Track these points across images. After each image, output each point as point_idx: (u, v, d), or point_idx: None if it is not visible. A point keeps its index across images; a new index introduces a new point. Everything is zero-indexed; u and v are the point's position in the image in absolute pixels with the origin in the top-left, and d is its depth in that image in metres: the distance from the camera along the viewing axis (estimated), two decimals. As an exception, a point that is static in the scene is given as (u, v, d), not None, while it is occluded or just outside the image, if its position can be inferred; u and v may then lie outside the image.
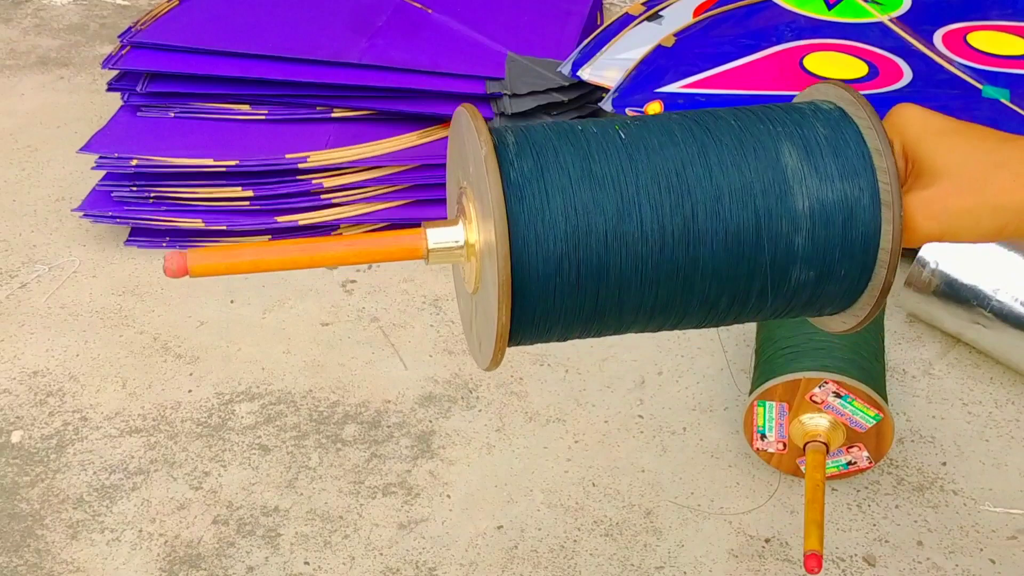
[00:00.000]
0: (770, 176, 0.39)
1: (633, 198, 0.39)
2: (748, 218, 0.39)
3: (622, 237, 0.38)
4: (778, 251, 0.39)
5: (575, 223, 0.38)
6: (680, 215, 0.39)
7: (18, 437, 0.88)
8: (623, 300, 0.39)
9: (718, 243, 0.39)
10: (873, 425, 0.76)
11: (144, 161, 1.07)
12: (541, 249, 0.38)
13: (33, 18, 1.65)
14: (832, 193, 0.39)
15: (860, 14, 1.16)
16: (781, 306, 0.41)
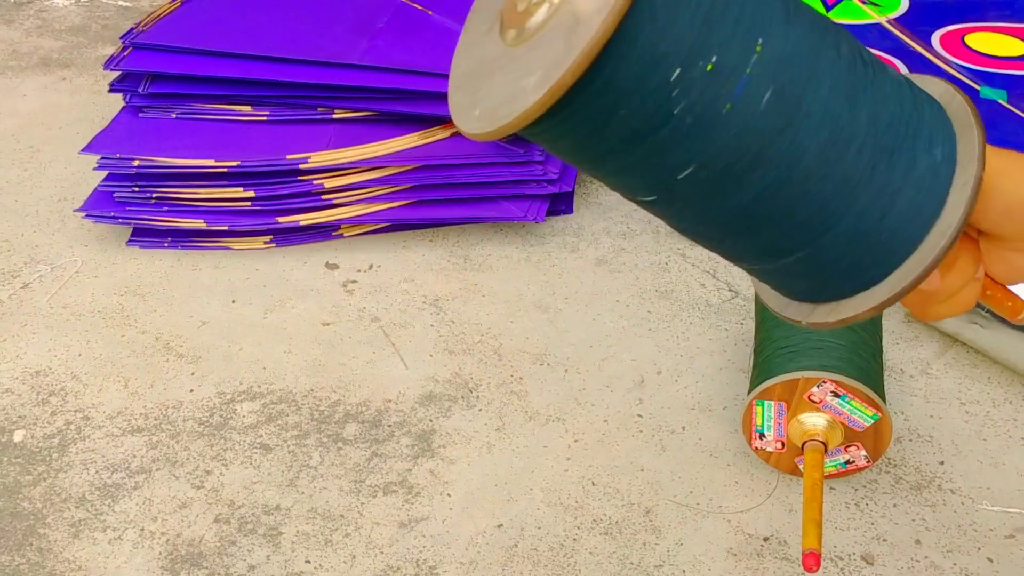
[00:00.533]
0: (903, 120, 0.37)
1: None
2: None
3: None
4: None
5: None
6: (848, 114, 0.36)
7: (20, 436, 0.88)
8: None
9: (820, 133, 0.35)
10: (871, 424, 0.77)
11: (146, 162, 1.07)
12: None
13: (35, 19, 1.66)
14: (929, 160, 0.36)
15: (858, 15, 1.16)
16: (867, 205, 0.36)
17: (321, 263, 1.09)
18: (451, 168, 1.09)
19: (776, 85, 0.35)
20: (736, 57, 0.34)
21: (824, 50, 0.37)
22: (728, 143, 0.35)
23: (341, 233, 1.12)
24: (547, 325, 0.99)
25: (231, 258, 1.10)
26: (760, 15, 0.35)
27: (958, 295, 0.40)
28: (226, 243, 1.11)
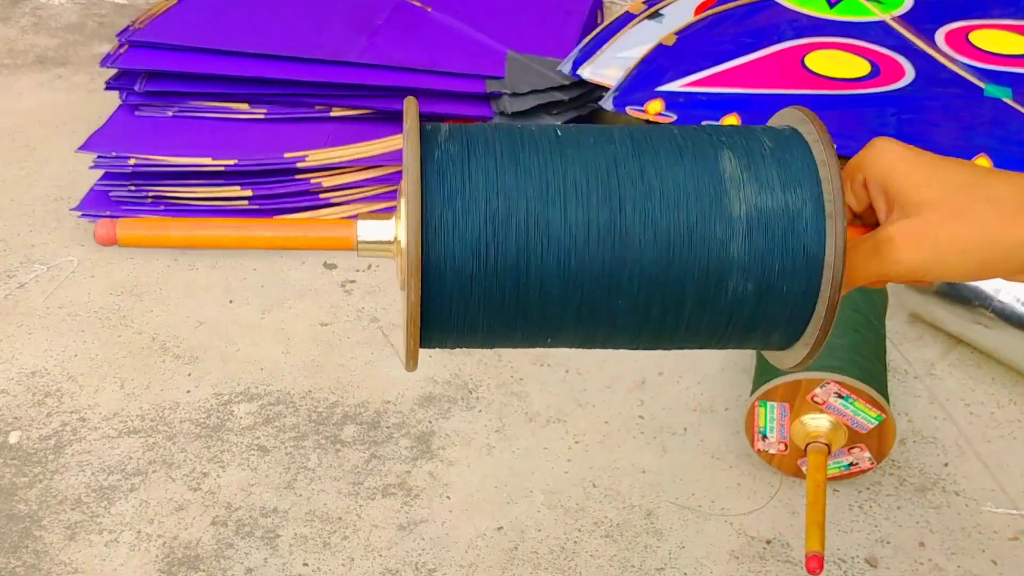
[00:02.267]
0: (705, 179, 0.38)
1: (559, 187, 0.37)
2: (679, 218, 0.37)
3: (545, 226, 0.37)
4: (711, 256, 0.38)
5: (495, 206, 0.37)
6: (607, 209, 0.37)
7: (16, 438, 0.87)
8: (546, 295, 0.38)
9: (647, 242, 0.37)
10: (875, 426, 0.76)
11: (142, 160, 1.07)
12: (458, 230, 0.37)
13: (31, 17, 1.65)
14: (772, 201, 0.38)
15: (862, 12, 1.15)
16: (721, 321, 0.39)
17: (319, 263, 1.08)
18: (450, 167, 1.08)
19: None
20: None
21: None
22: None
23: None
24: (547, 325, 0.98)
25: (228, 258, 1.09)
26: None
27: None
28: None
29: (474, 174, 0.37)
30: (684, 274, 0.38)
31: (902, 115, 0.99)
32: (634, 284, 0.38)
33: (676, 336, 0.40)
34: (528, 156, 0.38)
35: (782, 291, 0.38)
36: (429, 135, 0.39)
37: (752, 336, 0.40)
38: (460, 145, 0.38)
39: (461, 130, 0.39)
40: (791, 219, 0.38)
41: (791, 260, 0.38)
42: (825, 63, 1.07)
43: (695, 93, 1.03)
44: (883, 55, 1.08)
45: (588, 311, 0.39)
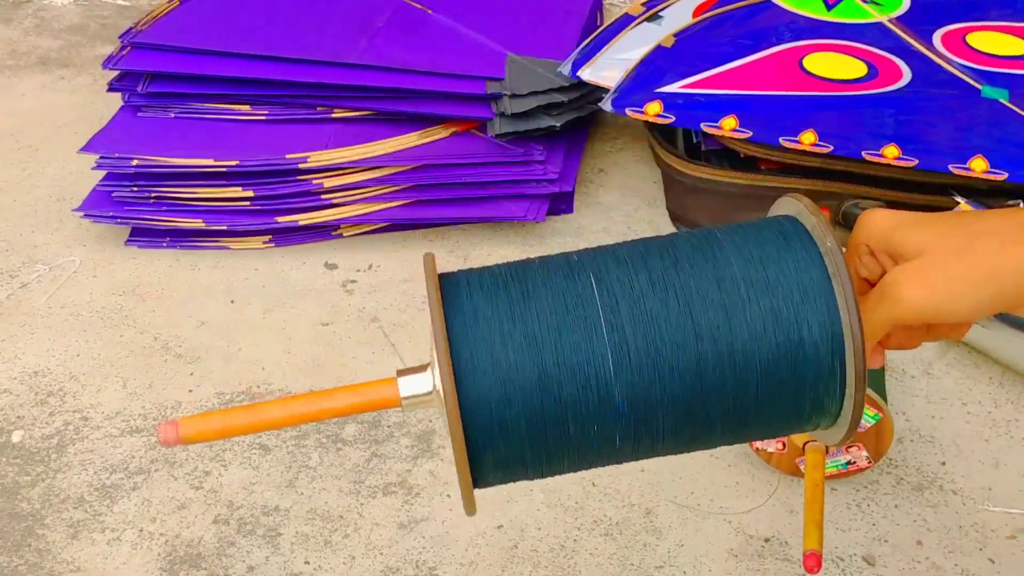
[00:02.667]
0: (716, 289, 0.39)
1: (580, 317, 0.39)
2: (702, 336, 0.39)
3: (572, 360, 0.39)
4: (735, 363, 0.39)
5: (523, 348, 0.39)
6: (638, 334, 0.39)
7: (19, 437, 0.88)
8: (583, 427, 0.39)
9: (677, 363, 0.39)
10: (872, 425, 0.76)
11: (144, 161, 1.07)
12: (496, 389, 0.38)
13: (33, 18, 1.65)
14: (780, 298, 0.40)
15: (859, 14, 1.16)
16: (760, 416, 0.41)
17: (320, 263, 1.09)
18: (451, 168, 1.09)
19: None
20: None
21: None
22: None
23: (340, 233, 1.12)
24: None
25: (230, 258, 1.10)
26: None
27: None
28: (225, 243, 1.11)
29: (498, 318, 0.39)
30: (715, 385, 0.39)
31: (899, 116, 1.00)
32: (666, 402, 0.39)
33: (723, 438, 0.42)
34: (535, 307, 0.40)
35: (808, 385, 0.40)
36: (450, 287, 0.41)
37: (794, 425, 0.42)
38: (484, 300, 0.40)
39: (479, 278, 0.41)
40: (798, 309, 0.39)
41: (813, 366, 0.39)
42: (823, 65, 1.07)
43: (693, 95, 1.04)
44: (880, 57, 1.09)
45: (631, 433, 0.40)
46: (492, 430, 0.39)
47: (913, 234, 0.41)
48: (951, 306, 0.39)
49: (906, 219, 0.42)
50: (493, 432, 0.39)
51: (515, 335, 0.39)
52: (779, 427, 0.42)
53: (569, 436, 0.40)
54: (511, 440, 0.40)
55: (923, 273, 0.40)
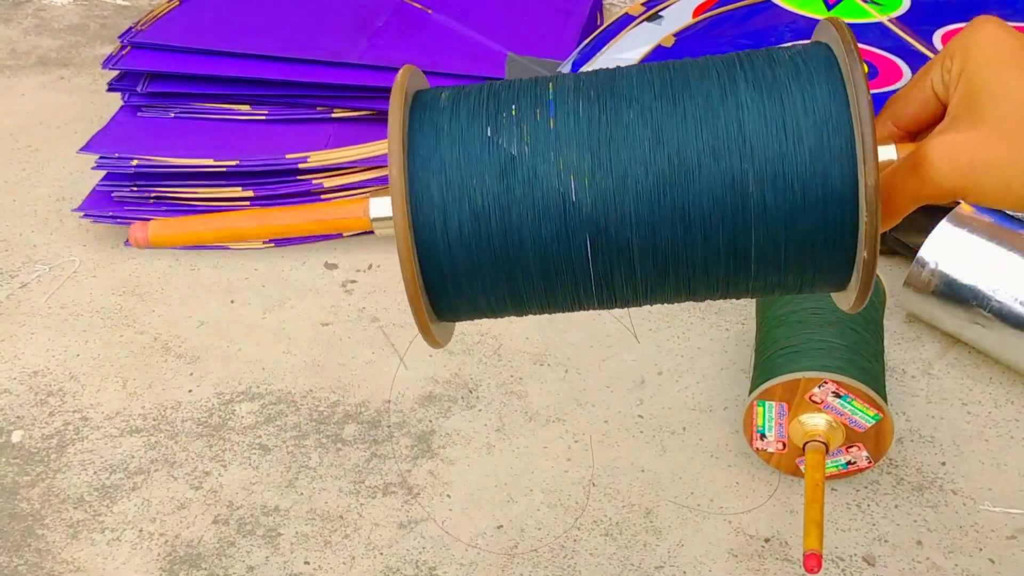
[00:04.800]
0: (716, 113, 0.36)
1: (552, 134, 0.36)
2: (677, 154, 0.35)
3: (533, 174, 0.36)
4: (728, 183, 0.35)
5: (481, 159, 0.36)
6: (599, 151, 0.36)
7: (18, 437, 0.88)
8: (543, 243, 0.37)
9: (643, 174, 0.36)
10: (872, 425, 0.76)
11: (144, 161, 1.07)
12: (446, 198, 0.36)
13: (33, 18, 1.65)
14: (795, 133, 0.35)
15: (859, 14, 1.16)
16: (751, 250, 0.37)
17: (320, 263, 1.09)
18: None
19: (593, 92, 0.37)
20: (531, 98, 0.38)
21: (634, 74, 0.38)
22: (587, 143, 0.36)
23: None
24: (547, 325, 0.99)
25: (230, 258, 1.10)
26: (540, 80, 0.39)
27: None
28: (225, 243, 1.11)
29: (463, 135, 0.37)
30: (694, 201, 0.36)
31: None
32: (633, 219, 0.36)
33: (696, 271, 0.38)
34: (508, 116, 0.37)
35: (818, 214, 0.36)
36: (419, 101, 0.39)
37: (801, 278, 0.38)
38: (450, 111, 0.38)
39: (455, 93, 0.39)
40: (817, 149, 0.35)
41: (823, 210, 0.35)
42: (823, 64, 1.07)
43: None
44: (881, 56, 1.08)
45: (602, 256, 0.37)
46: (447, 255, 0.37)
47: (993, 86, 0.34)
48: (978, 194, 0.34)
49: (1003, 55, 0.35)
50: (448, 257, 0.37)
51: (483, 158, 0.37)
52: (778, 274, 0.37)
53: (530, 262, 0.37)
54: (471, 267, 0.37)
55: (960, 154, 0.34)
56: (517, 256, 0.37)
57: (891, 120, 0.39)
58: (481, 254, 0.37)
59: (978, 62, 0.35)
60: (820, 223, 0.36)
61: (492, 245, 0.37)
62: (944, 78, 0.37)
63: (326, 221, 0.40)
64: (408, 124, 0.38)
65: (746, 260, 0.37)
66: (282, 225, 0.40)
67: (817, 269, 0.38)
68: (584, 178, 0.36)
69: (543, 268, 0.38)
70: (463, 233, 0.37)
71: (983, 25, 0.36)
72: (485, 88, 0.39)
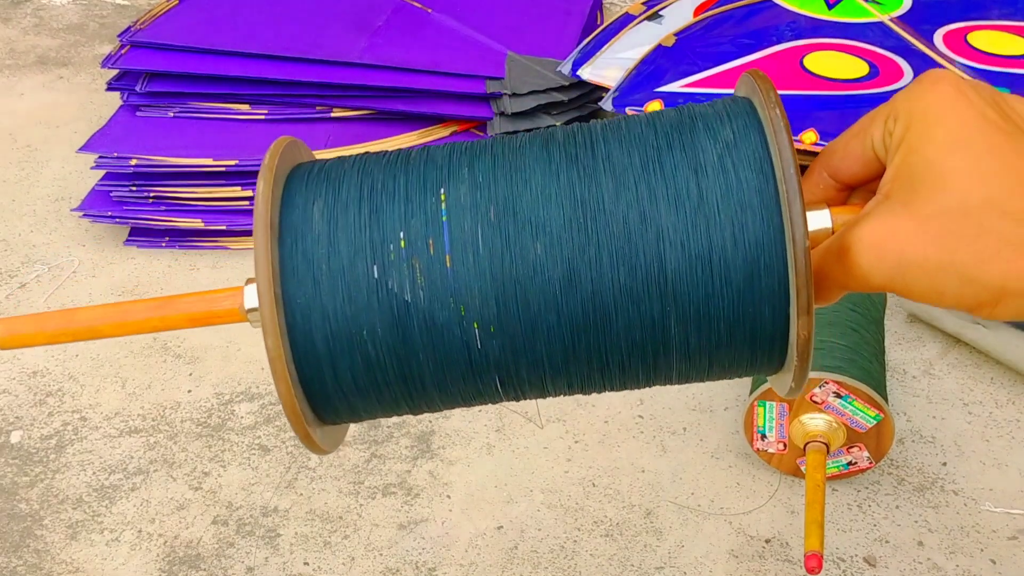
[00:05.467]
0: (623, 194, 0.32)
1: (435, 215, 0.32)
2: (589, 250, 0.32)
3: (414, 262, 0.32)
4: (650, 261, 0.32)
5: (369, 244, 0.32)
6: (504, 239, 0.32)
7: (17, 437, 0.87)
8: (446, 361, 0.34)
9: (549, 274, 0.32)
10: (873, 425, 0.76)
11: (143, 161, 1.07)
12: (330, 300, 0.33)
13: (32, 17, 1.65)
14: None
15: (860, 14, 1.15)
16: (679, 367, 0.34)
17: (320, 263, 1.08)
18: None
19: (492, 212, 0.33)
20: (422, 217, 0.33)
21: (545, 162, 0.34)
22: (490, 287, 0.32)
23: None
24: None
25: (229, 258, 1.09)
26: (430, 178, 0.34)
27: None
28: (224, 242, 1.11)
29: (339, 230, 0.33)
30: (612, 344, 0.33)
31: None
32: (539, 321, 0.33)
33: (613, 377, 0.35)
34: (381, 198, 0.34)
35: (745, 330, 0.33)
36: (288, 221, 0.34)
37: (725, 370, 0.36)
38: (324, 199, 0.34)
39: (328, 203, 0.34)
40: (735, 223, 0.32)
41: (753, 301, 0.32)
42: (824, 64, 1.07)
43: (694, 94, 1.03)
44: (882, 56, 1.08)
45: (513, 389, 0.35)
46: (341, 398, 0.34)
47: (936, 165, 0.29)
48: (909, 294, 0.30)
49: (953, 127, 0.29)
50: (342, 399, 0.34)
51: (371, 306, 0.33)
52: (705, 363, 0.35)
53: (435, 398, 0.35)
54: (368, 406, 0.34)
55: (887, 245, 0.29)
56: (420, 396, 0.35)
57: (827, 172, 0.35)
58: (380, 398, 0.35)
59: (921, 136, 0.30)
60: (748, 357, 0.34)
61: (391, 392, 0.34)
62: (885, 140, 0.32)
63: (196, 314, 0.36)
64: (280, 261, 0.33)
65: (667, 380, 0.35)
66: (145, 321, 0.36)
67: (741, 376, 0.36)
68: (490, 326, 0.33)
69: (449, 401, 0.36)
70: (357, 384, 0.34)
71: (935, 85, 0.30)
72: (365, 190, 0.34)
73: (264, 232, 0.32)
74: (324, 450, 0.36)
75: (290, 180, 0.35)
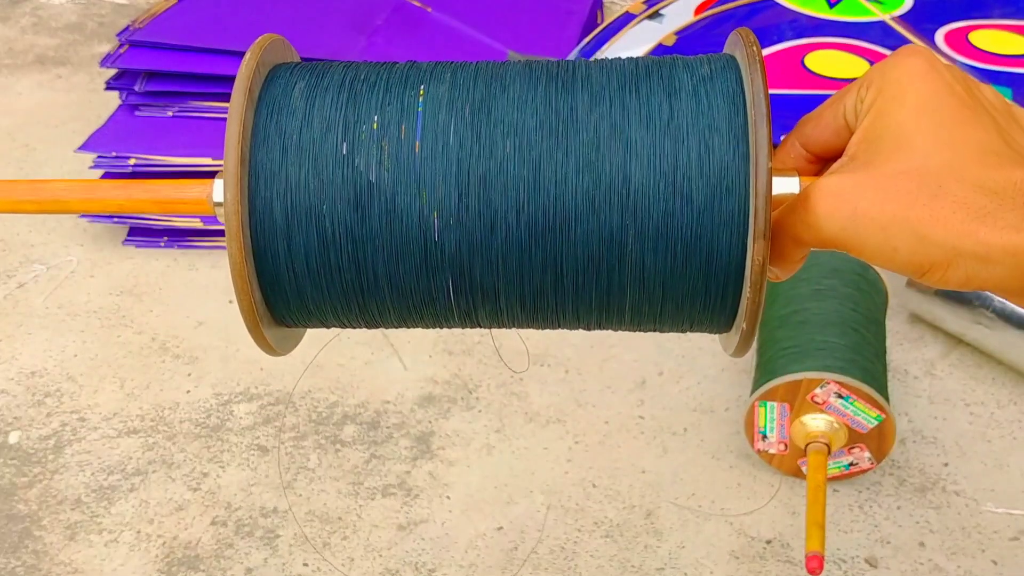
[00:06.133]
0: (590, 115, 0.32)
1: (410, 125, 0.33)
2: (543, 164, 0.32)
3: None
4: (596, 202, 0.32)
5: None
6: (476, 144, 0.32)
7: (16, 438, 0.87)
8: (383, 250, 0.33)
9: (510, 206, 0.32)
10: (875, 426, 0.76)
11: (142, 160, 1.07)
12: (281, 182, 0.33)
13: (31, 17, 1.65)
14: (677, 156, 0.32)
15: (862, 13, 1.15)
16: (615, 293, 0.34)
17: (319, 262, 1.08)
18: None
19: (468, 109, 0.33)
20: (397, 106, 0.33)
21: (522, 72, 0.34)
22: (455, 177, 0.33)
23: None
24: (547, 325, 0.98)
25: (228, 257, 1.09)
26: (412, 77, 0.34)
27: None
28: (223, 242, 1.10)
29: (316, 116, 0.33)
30: (568, 253, 0.33)
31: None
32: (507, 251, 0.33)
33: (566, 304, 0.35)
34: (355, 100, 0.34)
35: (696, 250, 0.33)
36: (269, 94, 0.34)
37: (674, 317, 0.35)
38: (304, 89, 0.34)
39: (311, 85, 0.35)
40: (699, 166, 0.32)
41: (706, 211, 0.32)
42: (825, 63, 1.07)
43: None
44: (883, 55, 1.08)
45: (465, 296, 0.34)
46: (292, 284, 0.34)
47: (904, 129, 0.30)
48: (860, 250, 0.30)
49: (923, 94, 0.30)
50: (292, 285, 0.34)
51: (335, 181, 0.32)
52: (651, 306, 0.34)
53: (386, 295, 0.34)
54: (319, 296, 0.34)
55: (844, 200, 0.30)
56: (372, 290, 0.34)
57: (800, 142, 0.36)
58: (331, 285, 0.34)
59: (892, 100, 0.31)
60: (702, 288, 0.34)
61: (343, 278, 0.34)
62: (857, 107, 0.33)
63: (163, 200, 0.36)
64: (252, 128, 0.33)
65: (619, 312, 0.35)
66: (111, 200, 0.36)
67: (694, 323, 0.36)
68: (449, 217, 0.33)
69: (400, 301, 0.35)
70: (309, 264, 0.34)
71: (909, 58, 0.32)
72: (347, 79, 0.35)
73: (241, 97, 0.33)
74: (274, 348, 0.36)
75: (276, 68, 0.36)
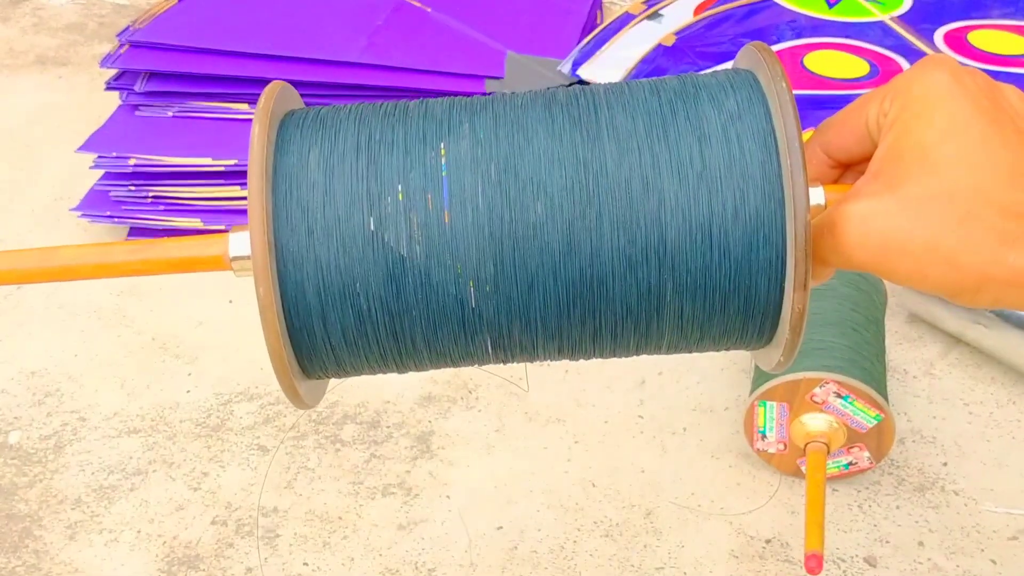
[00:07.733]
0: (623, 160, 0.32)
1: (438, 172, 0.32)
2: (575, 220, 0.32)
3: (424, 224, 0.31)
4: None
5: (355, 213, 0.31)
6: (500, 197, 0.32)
7: (16, 437, 0.87)
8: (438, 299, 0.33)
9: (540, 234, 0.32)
10: (874, 425, 0.76)
11: (142, 160, 1.07)
12: (324, 249, 0.32)
13: (31, 17, 1.65)
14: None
15: (861, 13, 1.15)
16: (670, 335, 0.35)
17: (319, 262, 1.08)
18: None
19: (494, 169, 0.32)
20: (420, 170, 0.32)
21: (545, 116, 0.33)
22: (488, 246, 0.32)
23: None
24: (547, 325, 0.98)
25: (228, 257, 1.09)
26: (430, 132, 0.33)
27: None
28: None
29: (336, 179, 0.32)
30: (606, 308, 0.34)
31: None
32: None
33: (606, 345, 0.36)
34: (383, 147, 0.33)
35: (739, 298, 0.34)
36: (282, 166, 0.34)
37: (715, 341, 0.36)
38: (319, 146, 0.33)
39: (325, 153, 0.34)
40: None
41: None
42: (824, 63, 1.07)
43: (695, 93, 1.03)
44: (882, 55, 1.08)
45: (504, 351, 0.35)
46: (329, 354, 0.34)
47: (932, 152, 0.29)
48: (891, 275, 0.30)
49: (950, 114, 0.29)
50: (330, 355, 0.34)
51: (366, 258, 0.32)
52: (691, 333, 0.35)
53: (425, 357, 0.34)
54: (357, 361, 0.34)
55: (872, 225, 0.30)
56: (410, 354, 0.34)
57: (822, 148, 0.36)
58: (368, 353, 0.34)
59: (916, 117, 0.31)
60: (739, 327, 0.34)
61: (380, 347, 0.34)
62: (879, 119, 0.33)
63: (178, 260, 0.34)
64: (273, 208, 0.32)
65: (656, 348, 0.36)
66: (125, 263, 0.35)
67: (729, 350, 0.37)
68: (485, 286, 0.32)
69: (438, 360, 0.35)
70: (347, 338, 0.34)
71: (934, 72, 0.31)
72: (362, 141, 0.33)
73: (259, 177, 0.32)
74: (308, 404, 0.36)
75: (284, 126, 0.34)
